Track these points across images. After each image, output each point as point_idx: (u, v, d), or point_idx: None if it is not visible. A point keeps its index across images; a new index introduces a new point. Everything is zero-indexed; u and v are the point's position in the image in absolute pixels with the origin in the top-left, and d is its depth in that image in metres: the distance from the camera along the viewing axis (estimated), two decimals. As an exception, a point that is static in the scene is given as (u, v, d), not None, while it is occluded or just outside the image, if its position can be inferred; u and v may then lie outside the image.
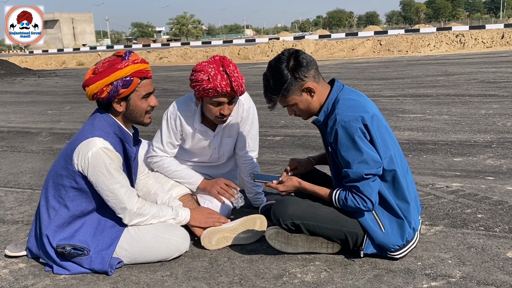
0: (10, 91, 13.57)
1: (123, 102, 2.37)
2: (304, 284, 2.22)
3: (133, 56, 2.37)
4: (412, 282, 2.18)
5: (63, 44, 63.21)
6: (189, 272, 2.40)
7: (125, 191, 2.37)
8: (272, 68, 2.31)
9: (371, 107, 2.34)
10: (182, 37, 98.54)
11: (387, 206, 2.32)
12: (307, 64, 2.29)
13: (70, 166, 2.34)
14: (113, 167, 2.32)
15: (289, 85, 2.28)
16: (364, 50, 22.51)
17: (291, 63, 2.28)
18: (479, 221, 2.82)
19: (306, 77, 2.29)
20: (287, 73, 2.27)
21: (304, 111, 2.40)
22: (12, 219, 3.27)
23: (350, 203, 2.25)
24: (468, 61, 14.46)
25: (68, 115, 8.32)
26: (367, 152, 2.19)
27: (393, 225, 2.32)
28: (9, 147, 5.88)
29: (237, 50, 25.41)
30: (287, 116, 6.86)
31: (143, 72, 2.36)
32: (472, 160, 4.12)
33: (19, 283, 2.37)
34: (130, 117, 2.42)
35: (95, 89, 2.30)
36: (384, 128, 2.31)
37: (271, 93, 2.34)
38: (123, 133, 2.41)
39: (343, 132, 2.20)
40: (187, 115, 2.90)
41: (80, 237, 2.38)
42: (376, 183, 2.25)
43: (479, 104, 6.89)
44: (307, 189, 2.43)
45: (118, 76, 2.28)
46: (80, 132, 2.38)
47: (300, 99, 2.34)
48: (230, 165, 3.19)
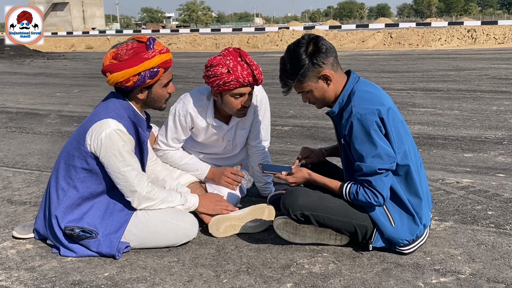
0: (19, 72, 13.59)
1: (145, 91, 2.36)
2: (311, 275, 2.21)
3: (158, 45, 2.33)
4: (421, 277, 2.16)
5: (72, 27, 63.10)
6: (196, 258, 2.39)
7: (136, 174, 2.36)
8: (290, 52, 2.27)
9: (387, 100, 2.30)
10: (192, 23, 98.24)
11: (398, 201, 2.30)
12: (326, 51, 2.25)
13: (82, 146, 2.32)
14: (126, 150, 2.31)
15: (306, 70, 2.24)
16: (375, 42, 22.32)
17: (310, 48, 2.24)
18: (489, 218, 2.79)
19: (324, 63, 2.25)
20: (305, 58, 2.22)
21: (319, 99, 2.36)
22: (20, 200, 3.28)
23: (361, 197, 2.23)
24: (480, 56, 14.32)
25: (77, 98, 8.32)
26: (381, 146, 2.16)
27: (404, 220, 2.30)
28: (17, 128, 5.89)
29: (246, 39, 25.26)
30: (296, 106, 6.82)
31: (169, 62, 2.35)
32: (483, 156, 4.08)
33: (26, 263, 2.37)
34: (149, 104, 2.42)
35: (120, 77, 2.26)
36: (400, 122, 2.27)
37: (286, 77, 2.29)
38: (137, 118, 2.40)
39: (358, 125, 2.17)
40: (198, 110, 2.84)
41: (88, 220, 2.38)
42: (389, 178, 2.22)
43: (491, 100, 6.82)
44: (317, 181, 2.40)
45: (146, 67, 2.26)
46: (94, 113, 2.37)
47: (316, 86, 2.30)
48: (242, 155, 3.16)
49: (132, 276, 2.23)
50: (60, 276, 2.24)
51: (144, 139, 2.45)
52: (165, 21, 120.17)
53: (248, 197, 3.20)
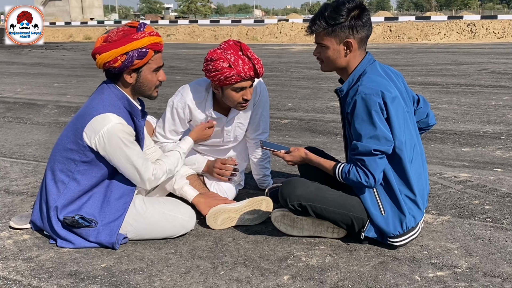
0: (17, 62, 13.53)
1: (133, 74, 2.35)
2: (308, 267, 2.21)
3: (148, 28, 2.34)
4: (417, 270, 2.17)
5: (70, 17, 62.79)
6: (194, 250, 2.39)
7: (142, 162, 2.38)
8: (338, 2, 2.26)
9: (399, 89, 2.31)
10: (190, 15, 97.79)
11: (390, 191, 2.29)
12: (365, 24, 2.25)
13: (80, 141, 2.32)
14: (129, 140, 2.33)
15: (338, 27, 2.23)
16: (374, 35, 22.23)
17: (355, 12, 2.24)
18: (486, 212, 2.79)
19: (357, 33, 2.25)
20: (345, 15, 2.22)
21: (330, 60, 2.34)
22: (17, 190, 3.27)
23: (352, 176, 2.22)
24: (479, 51, 14.30)
25: (75, 89, 8.29)
26: (380, 128, 2.16)
27: (394, 210, 2.28)
28: (15, 118, 5.87)
29: (245, 31, 25.16)
30: (295, 99, 6.81)
31: (158, 45, 2.34)
32: (480, 151, 4.08)
33: (23, 254, 2.37)
34: (139, 90, 2.40)
35: (108, 57, 2.26)
36: (404, 113, 2.26)
37: (318, 20, 2.27)
38: (132, 107, 2.39)
39: (361, 103, 2.17)
40: (197, 102, 2.83)
41: (87, 210, 2.38)
42: (383, 161, 2.21)
43: (489, 95, 6.81)
44: (312, 161, 2.41)
45: (134, 46, 2.25)
46: (89, 106, 2.35)
47: (335, 47, 2.28)
48: (241, 147, 3.16)
49: (129, 267, 2.23)
50: (57, 266, 2.25)
51: (139, 128, 2.45)
52: (163, 12, 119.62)
53: (246, 190, 3.20)
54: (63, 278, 2.14)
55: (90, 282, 2.11)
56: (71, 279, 2.14)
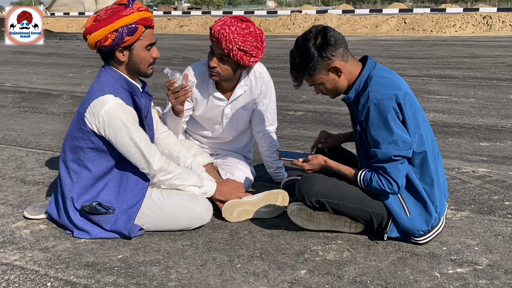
0: (32, 52, 13.60)
1: (126, 51, 2.33)
2: (326, 262, 2.19)
3: (137, 4, 2.32)
4: (437, 267, 2.13)
5: (84, 7, 63.03)
6: (210, 243, 2.38)
7: (145, 145, 2.34)
8: (299, 46, 2.23)
9: (404, 85, 2.26)
10: (203, 5, 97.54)
11: (413, 190, 2.26)
12: (335, 43, 2.19)
13: (83, 126, 2.31)
14: (130, 122, 2.30)
15: (315, 64, 2.19)
16: (388, 27, 22.04)
17: (318, 41, 2.19)
18: (506, 208, 2.74)
19: (334, 56, 2.20)
20: (313, 51, 2.18)
21: (331, 90, 2.33)
22: (33, 180, 3.28)
23: (375, 184, 2.19)
24: (496, 44, 14.08)
25: (89, 79, 8.31)
26: (397, 133, 2.12)
27: (419, 210, 2.26)
28: (30, 107, 5.90)
29: (258, 22, 25.04)
30: (309, 91, 6.76)
31: (148, 20, 2.32)
32: (499, 145, 4.02)
33: (40, 244, 2.38)
34: (133, 68, 2.38)
35: (98, 36, 2.25)
36: (416, 107, 2.23)
37: (297, 72, 2.26)
38: (130, 86, 2.38)
39: (375, 110, 2.13)
40: (199, 79, 2.83)
41: (104, 197, 2.37)
42: (404, 166, 2.18)
43: (507, 88, 6.70)
44: (332, 168, 2.37)
45: (123, 23, 2.24)
46: (89, 91, 2.36)
47: (327, 78, 2.26)
48: (245, 140, 3.14)
49: (146, 259, 2.23)
50: (73, 257, 2.25)
51: (140, 106, 2.41)
52: (176, 3, 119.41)
53: (261, 182, 3.18)
54: (80, 269, 2.14)
55: (107, 273, 2.11)
56: (88, 270, 2.14)
